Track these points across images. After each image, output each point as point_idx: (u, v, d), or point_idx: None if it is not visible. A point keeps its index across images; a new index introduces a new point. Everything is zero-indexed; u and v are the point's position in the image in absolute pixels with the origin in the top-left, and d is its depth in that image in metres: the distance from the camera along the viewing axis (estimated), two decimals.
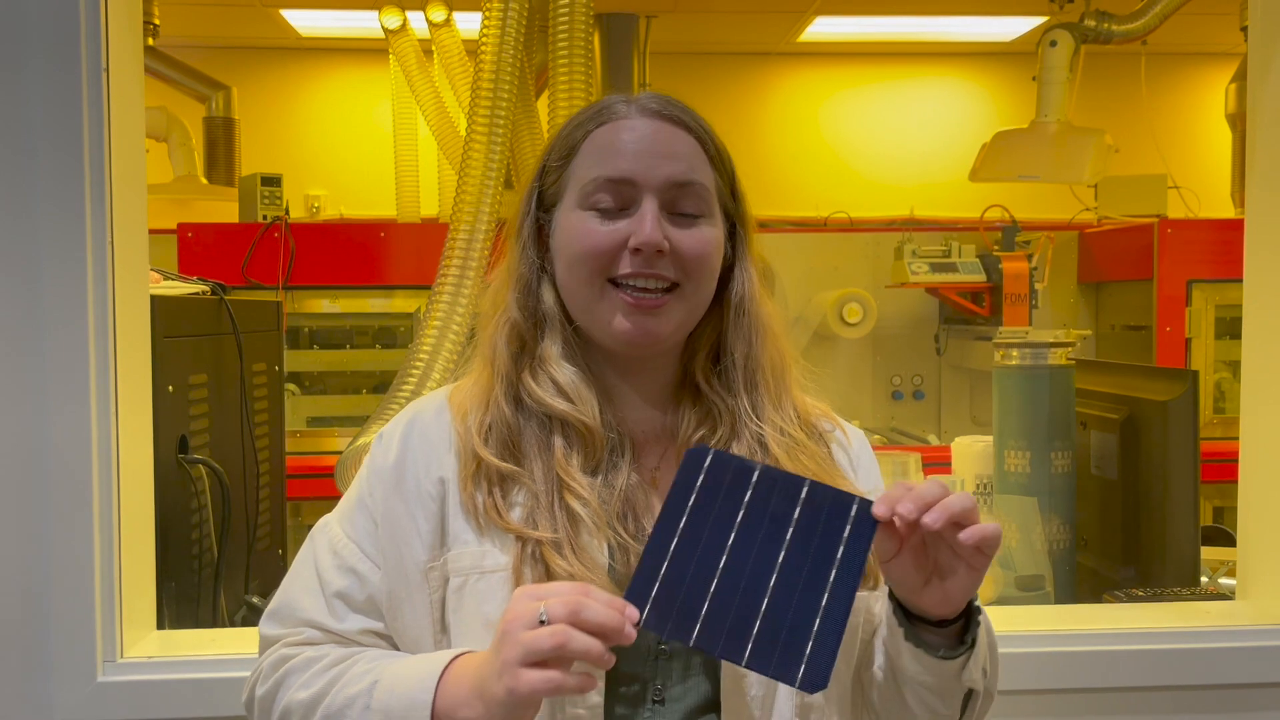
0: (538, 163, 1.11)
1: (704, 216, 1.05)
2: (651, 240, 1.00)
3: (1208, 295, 3.62)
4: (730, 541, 0.90)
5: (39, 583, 1.44)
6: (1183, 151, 4.67)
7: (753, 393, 1.08)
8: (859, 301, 3.77)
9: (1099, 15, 3.73)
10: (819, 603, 0.88)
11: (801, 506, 0.92)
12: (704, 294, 1.06)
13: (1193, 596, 1.72)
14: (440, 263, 2.07)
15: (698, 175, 1.05)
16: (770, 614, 0.88)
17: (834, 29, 4.95)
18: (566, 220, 1.05)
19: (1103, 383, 1.99)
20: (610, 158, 1.03)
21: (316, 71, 5.25)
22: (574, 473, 1.01)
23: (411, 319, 3.60)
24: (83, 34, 1.43)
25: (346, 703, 0.98)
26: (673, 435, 1.08)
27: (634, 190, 1.03)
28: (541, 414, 1.04)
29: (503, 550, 1.00)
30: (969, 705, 1.02)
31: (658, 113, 1.06)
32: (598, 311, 1.04)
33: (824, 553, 0.90)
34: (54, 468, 1.43)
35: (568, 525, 0.99)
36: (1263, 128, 1.69)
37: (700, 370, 1.09)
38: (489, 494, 1.01)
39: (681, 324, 1.05)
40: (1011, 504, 1.87)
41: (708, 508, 0.92)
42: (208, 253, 3.49)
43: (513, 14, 2.09)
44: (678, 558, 0.90)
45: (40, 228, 1.43)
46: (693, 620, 0.88)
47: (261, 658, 1.08)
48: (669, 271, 1.02)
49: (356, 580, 1.05)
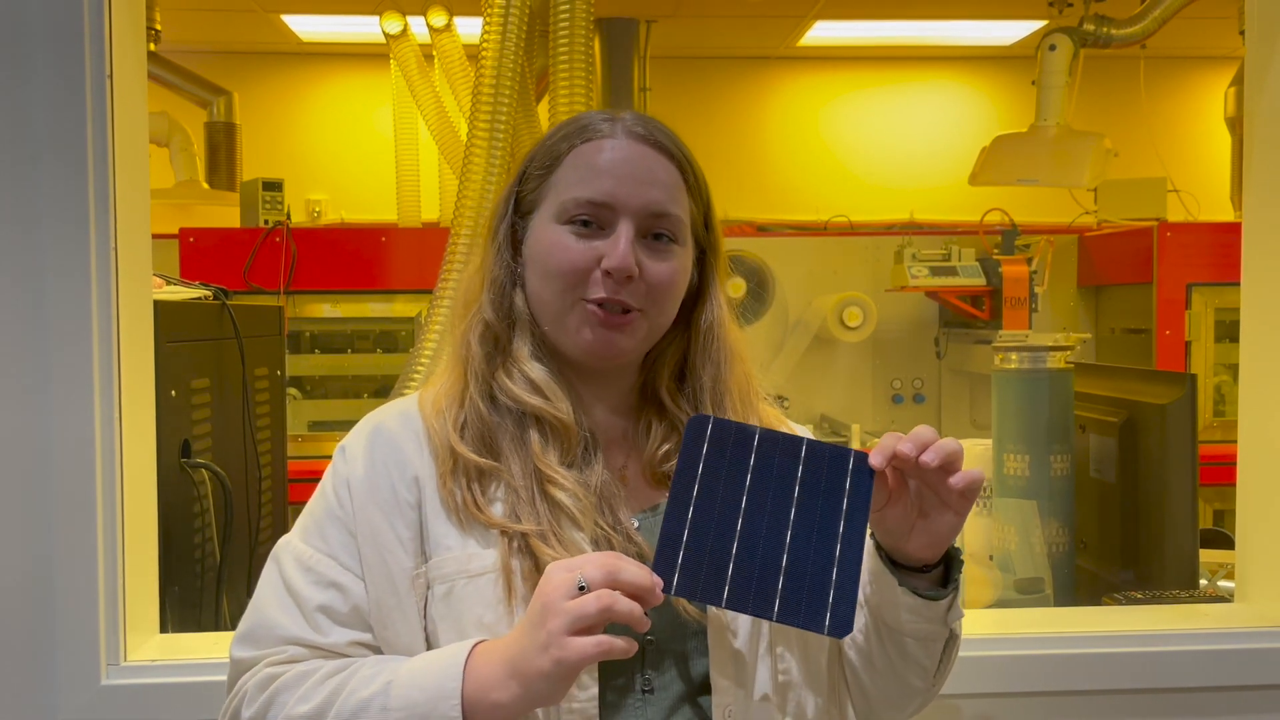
0: (518, 166, 1.13)
1: (676, 243, 1.08)
2: (623, 266, 1.03)
3: (1207, 298, 3.63)
4: (744, 504, 0.94)
5: (43, 586, 1.44)
6: (1182, 155, 4.68)
7: (720, 415, 1.10)
8: (859, 305, 3.78)
9: (1098, 19, 3.74)
10: (834, 552, 0.93)
11: (804, 464, 0.96)
12: (666, 318, 1.09)
13: (1191, 599, 1.73)
14: (441, 267, 2.07)
15: (675, 207, 1.07)
16: (792, 569, 0.92)
17: (834, 33, 4.96)
18: (543, 231, 1.07)
19: (1102, 386, 1.99)
20: (592, 178, 1.05)
21: (318, 76, 5.26)
22: (554, 465, 1.03)
23: (412, 323, 3.60)
24: (86, 40, 1.44)
25: (360, 706, 0.95)
26: (635, 442, 1.11)
27: (612, 213, 1.05)
28: (517, 411, 1.06)
29: (486, 547, 1.01)
30: (947, 651, 1.07)
31: (643, 137, 1.07)
32: (566, 322, 1.06)
33: (831, 505, 0.95)
34: (58, 472, 1.44)
35: (550, 517, 1.01)
36: (1260, 131, 1.70)
37: (665, 387, 1.12)
38: (467, 489, 1.02)
39: (643, 342, 1.09)
40: (1011, 507, 1.87)
41: (717, 473, 0.95)
42: (209, 258, 3.50)
43: (513, 19, 2.10)
44: (697, 524, 0.93)
45: (44, 233, 1.44)
46: (720, 583, 0.92)
47: (241, 681, 1.03)
48: (634, 299, 1.05)
49: (338, 593, 1.03)
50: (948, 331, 4.01)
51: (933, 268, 3.71)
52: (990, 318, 3.69)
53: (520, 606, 0.98)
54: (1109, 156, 3.69)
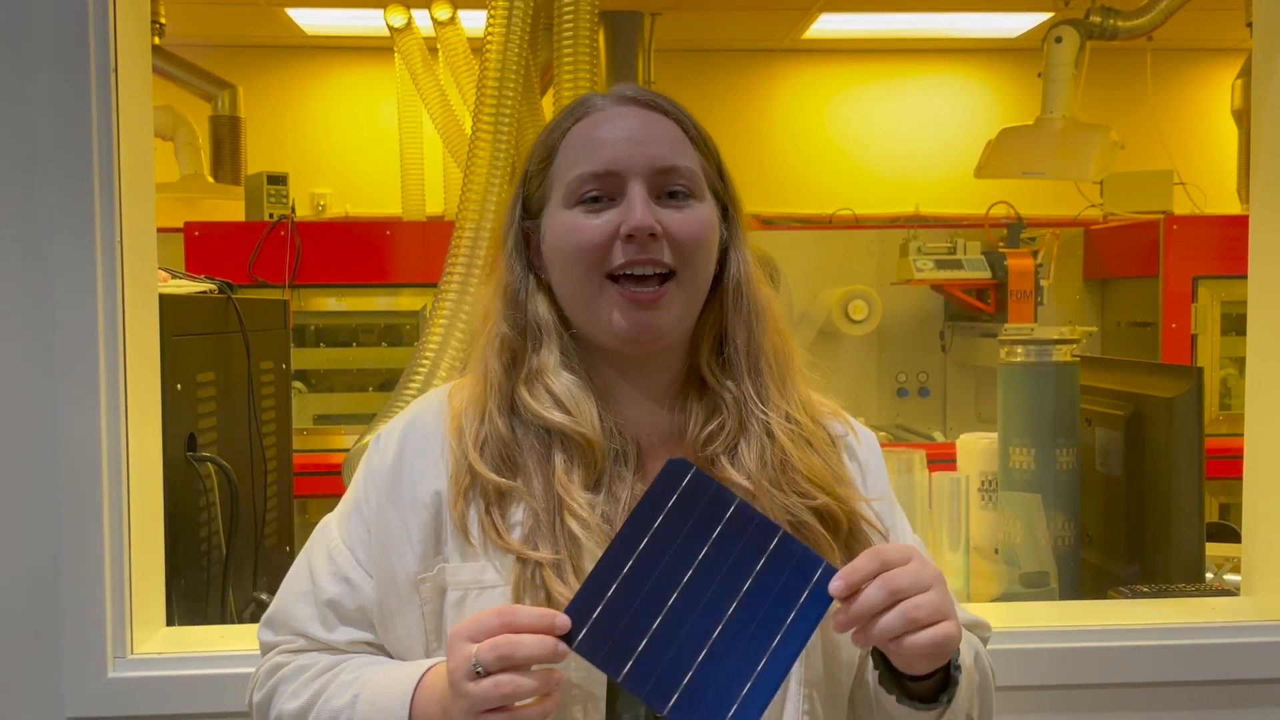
0: (518, 171, 1.10)
1: (694, 197, 1.03)
2: (643, 224, 0.98)
3: (1213, 291, 3.61)
4: (685, 580, 0.87)
5: (50, 579, 1.45)
6: (1189, 147, 4.66)
7: (756, 379, 1.05)
8: (864, 298, 3.77)
9: (1104, 11, 3.72)
10: (755, 665, 0.85)
11: (767, 557, 0.88)
12: (703, 279, 1.04)
13: (1197, 593, 1.73)
14: (446, 261, 2.07)
15: (682, 159, 1.02)
16: (705, 666, 0.85)
17: (839, 25, 4.94)
18: (555, 221, 1.03)
19: (1108, 379, 1.99)
20: (591, 151, 1.02)
21: (322, 70, 5.26)
22: (574, 491, 0.98)
23: (417, 317, 3.60)
24: (91, 34, 1.44)
25: (331, 716, 0.99)
26: (680, 434, 1.06)
27: (619, 180, 1.00)
28: (539, 427, 1.02)
29: (501, 569, 0.98)
30: None
31: (633, 99, 1.04)
32: (596, 310, 1.01)
33: (777, 611, 0.87)
34: (64, 466, 1.44)
35: (569, 546, 0.97)
36: (1267, 123, 1.69)
37: (705, 362, 1.06)
38: (487, 513, 0.99)
39: (682, 315, 1.03)
40: (1016, 500, 1.87)
41: (673, 532, 0.88)
42: (214, 251, 3.50)
43: (518, 12, 2.10)
44: (627, 583, 0.87)
45: (50, 227, 1.44)
46: (625, 657, 0.85)
47: (259, 664, 1.09)
48: (665, 256, 0.99)
49: (349, 589, 1.04)
50: (953, 325, 4.00)
51: (938, 261, 3.71)
52: (996, 311, 3.69)
53: None
54: (1115, 149, 3.68)
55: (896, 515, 1.14)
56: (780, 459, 1.02)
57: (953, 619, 0.90)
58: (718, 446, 1.03)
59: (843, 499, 1.03)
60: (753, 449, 1.03)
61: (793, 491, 1.01)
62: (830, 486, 1.03)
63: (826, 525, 1.01)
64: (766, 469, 1.02)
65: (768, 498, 1.00)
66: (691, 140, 1.05)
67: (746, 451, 1.03)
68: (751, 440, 1.03)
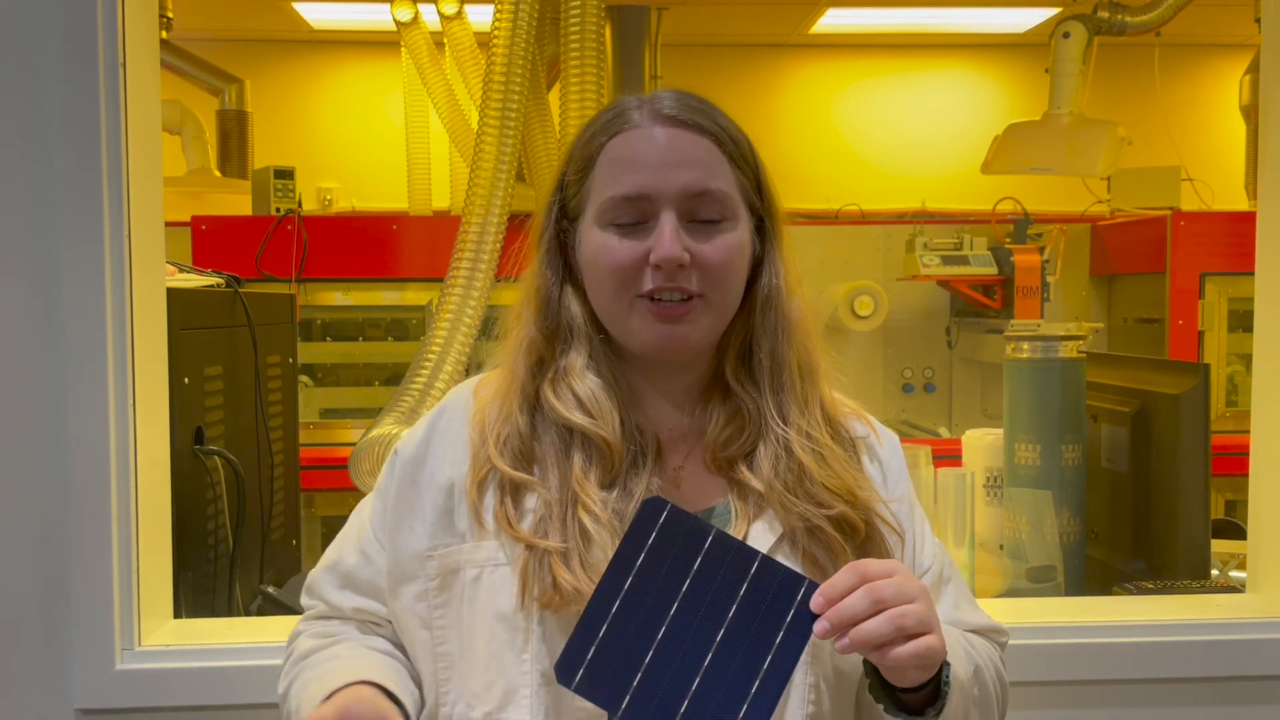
0: (557, 174, 1.10)
1: (726, 221, 1.03)
2: (670, 255, 1.00)
3: (1220, 288, 3.61)
4: (672, 612, 0.90)
5: (58, 572, 1.46)
6: (1196, 144, 4.64)
7: (779, 394, 1.06)
8: (870, 294, 3.77)
9: (1112, 6, 3.71)
10: (750, 687, 0.88)
11: (749, 582, 0.90)
12: (731, 300, 1.05)
13: (1203, 589, 1.73)
14: (452, 255, 2.08)
15: (715, 182, 1.03)
16: (700, 694, 0.88)
17: (846, 20, 4.93)
18: (589, 237, 1.05)
19: (1114, 376, 1.99)
20: (624, 174, 1.02)
21: (329, 64, 5.26)
22: (590, 488, 1.01)
23: (424, 311, 3.61)
24: (99, 28, 1.44)
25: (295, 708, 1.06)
26: (700, 433, 1.08)
27: (651, 205, 1.01)
28: (561, 425, 1.04)
29: (511, 555, 1.01)
30: None
31: (672, 118, 1.04)
32: (628, 325, 1.04)
33: (763, 635, 0.89)
34: (72, 459, 1.45)
35: (579, 537, 0.99)
36: (1275, 119, 1.69)
37: (730, 369, 1.08)
38: (501, 502, 1.02)
39: (710, 329, 1.05)
40: (1022, 496, 1.87)
41: (656, 568, 0.91)
42: (221, 245, 3.51)
43: (524, 6, 2.10)
44: (617, 622, 0.89)
45: (58, 221, 1.44)
46: (623, 692, 0.88)
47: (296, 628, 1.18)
48: (691, 284, 1.01)
49: (364, 561, 1.11)
50: (959, 321, 4.00)
51: (944, 256, 3.70)
52: (1002, 307, 3.68)
53: (534, 605, 0.99)
54: (1123, 145, 3.67)
55: (916, 517, 1.14)
56: (798, 470, 1.04)
57: (936, 633, 0.91)
58: (736, 450, 1.06)
59: (860, 505, 1.04)
60: (769, 458, 1.04)
61: (809, 501, 1.03)
62: (847, 496, 1.04)
63: (843, 531, 1.03)
64: (781, 476, 1.04)
65: (783, 504, 1.02)
66: (729, 157, 1.05)
67: (764, 458, 1.05)
68: (769, 451, 1.05)
